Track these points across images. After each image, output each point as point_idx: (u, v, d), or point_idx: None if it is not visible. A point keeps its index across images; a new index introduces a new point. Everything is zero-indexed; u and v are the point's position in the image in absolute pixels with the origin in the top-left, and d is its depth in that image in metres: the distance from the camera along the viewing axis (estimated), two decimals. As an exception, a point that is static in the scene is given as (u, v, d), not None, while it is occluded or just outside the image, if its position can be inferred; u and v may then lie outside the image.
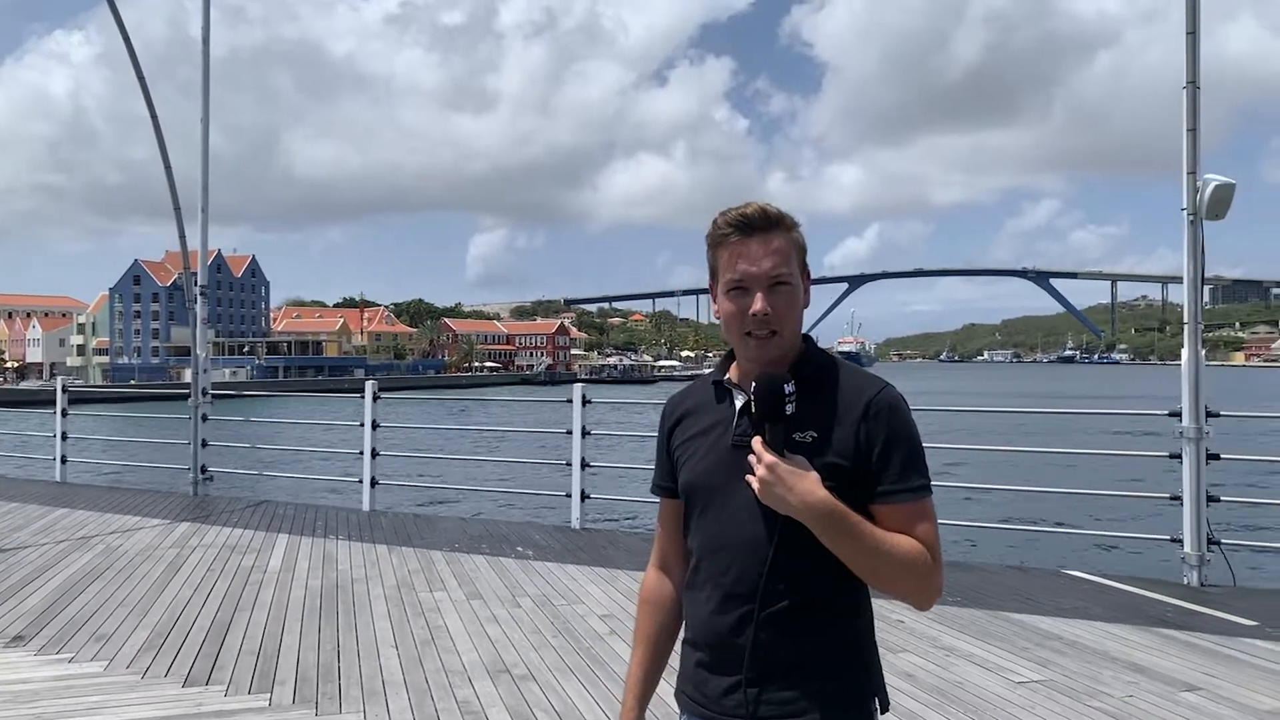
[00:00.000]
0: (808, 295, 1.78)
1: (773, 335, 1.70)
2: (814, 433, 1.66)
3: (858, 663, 1.71)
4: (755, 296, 1.69)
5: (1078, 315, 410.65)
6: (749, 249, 1.70)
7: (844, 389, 1.70)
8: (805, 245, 1.77)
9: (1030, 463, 18.47)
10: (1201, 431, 6.82)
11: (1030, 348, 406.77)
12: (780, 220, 1.72)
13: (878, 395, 1.68)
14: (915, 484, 1.66)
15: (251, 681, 4.83)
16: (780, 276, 1.70)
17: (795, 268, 1.73)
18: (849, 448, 1.65)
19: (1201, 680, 4.85)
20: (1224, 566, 6.84)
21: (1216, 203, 6.53)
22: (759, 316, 1.69)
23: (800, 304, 1.74)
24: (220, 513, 10.06)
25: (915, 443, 1.68)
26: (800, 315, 1.74)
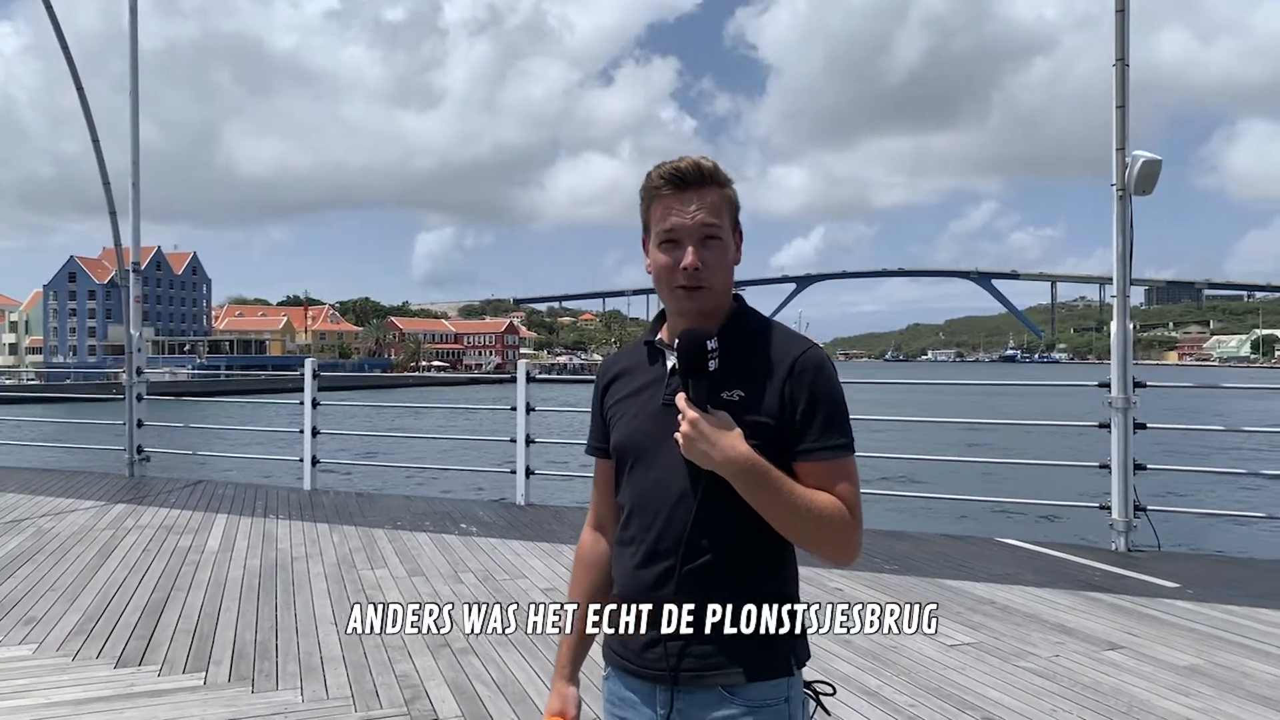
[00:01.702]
0: (739, 253, 1.78)
1: (702, 289, 1.70)
2: (740, 391, 1.67)
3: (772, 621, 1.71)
4: (686, 250, 1.69)
5: (1019, 316, 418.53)
6: (681, 202, 1.70)
7: (772, 348, 1.71)
8: (738, 203, 1.78)
9: (967, 436, 18.89)
10: (1129, 401, 7.04)
11: (973, 347, 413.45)
12: (714, 175, 1.72)
13: (803, 355, 1.69)
14: (836, 442, 1.67)
15: (186, 661, 4.74)
16: (711, 230, 1.70)
17: (726, 222, 1.73)
18: (774, 406, 1.67)
19: (1124, 639, 4.99)
20: (1150, 531, 7.06)
21: (1144, 178, 6.73)
22: (689, 270, 1.69)
23: (730, 259, 1.74)
24: (157, 493, 9.87)
25: (838, 402, 1.70)
26: (730, 271, 1.74)
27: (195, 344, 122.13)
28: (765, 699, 1.69)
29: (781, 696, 1.71)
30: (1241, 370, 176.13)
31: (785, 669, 1.71)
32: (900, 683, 4.37)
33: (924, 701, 4.14)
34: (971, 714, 4.01)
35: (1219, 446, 24.04)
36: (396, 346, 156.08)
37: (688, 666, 1.68)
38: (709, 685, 1.68)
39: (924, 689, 4.29)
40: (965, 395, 31.00)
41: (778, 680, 1.70)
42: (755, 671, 1.67)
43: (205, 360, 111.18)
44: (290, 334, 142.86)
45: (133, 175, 11.12)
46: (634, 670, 1.75)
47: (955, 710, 4.04)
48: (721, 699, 1.68)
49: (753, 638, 1.68)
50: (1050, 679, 4.40)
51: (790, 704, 1.72)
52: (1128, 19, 6.84)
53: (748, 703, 1.67)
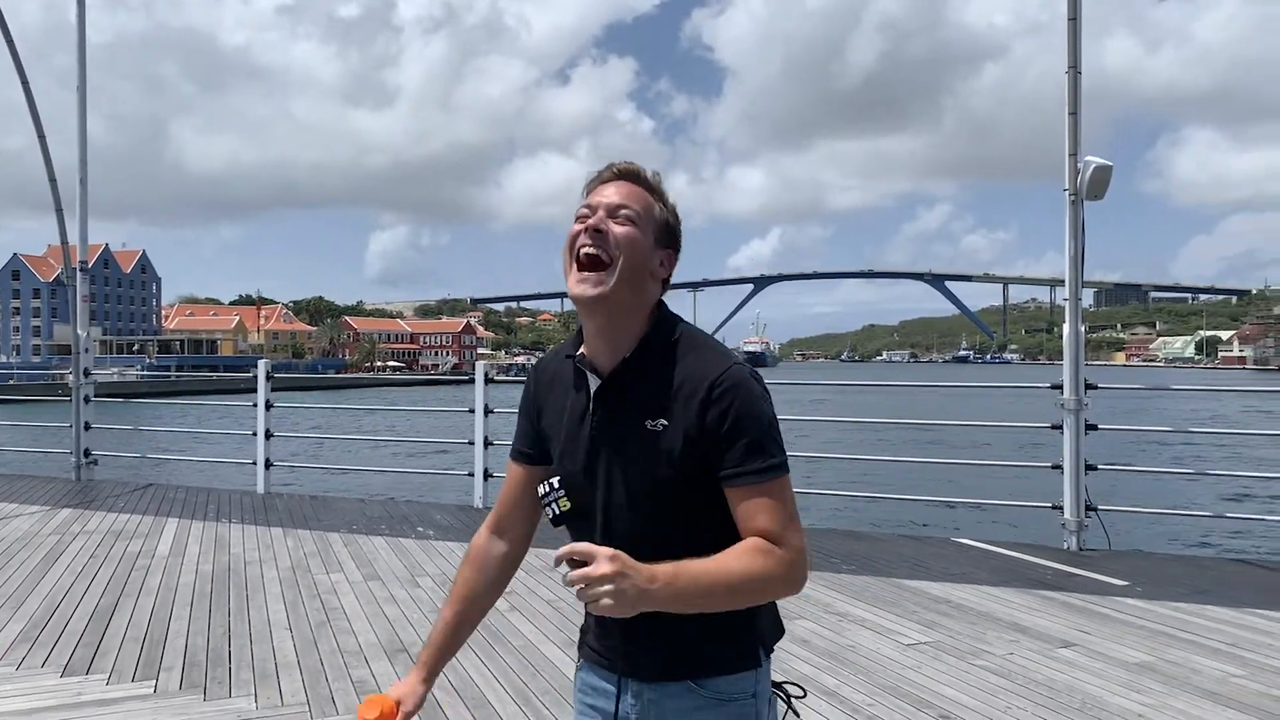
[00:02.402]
0: (665, 269, 1.72)
1: (602, 265, 1.64)
2: (664, 420, 1.63)
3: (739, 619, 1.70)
4: (593, 218, 1.66)
5: (972, 317, 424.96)
6: (605, 188, 1.70)
7: (691, 368, 1.64)
8: (672, 226, 1.73)
9: (923, 437, 19.09)
10: (1081, 402, 7.17)
11: (927, 348, 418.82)
12: (647, 181, 1.72)
13: (721, 375, 1.61)
14: (758, 466, 1.60)
15: (136, 669, 4.64)
16: (625, 209, 1.67)
17: (648, 219, 1.69)
18: (695, 431, 1.61)
19: (1077, 637, 5.08)
20: (1100, 531, 7.19)
21: (1096, 183, 6.86)
22: (590, 230, 1.65)
23: (645, 254, 1.67)
24: (105, 497, 9.66)
25: (762, 422, 1.61)
26: (641, 270, 1.67)
27: (145, 344, 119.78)
28: (732, 692, 1.69)
29: (749, 691, 1.71)
30: (1186, 371, 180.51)
31: (753, 660, 1.72)
32: (858, 682, 4.41)
33: (882, 700, 4.18)
34: (929, 712, 4.05)
35: (1165, 444, 24.58)
36: (351, 346, 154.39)
37: (654, 663, 1.69)
38: (677, 677, 1.69)
39: (881, 688, 4.33)
40: (921, 396, 31.39)
41: (745, 674, 1.71)
42: (722, 665, 1.68)
43: (155, 360, 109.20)
44: (243, 334, 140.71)
45: (80, 173, 10.87)
46: (604, 663, 1.76)
47: (913, 709, 4.08)
48: (689, 690, 1.68)
49: (717, 631, 1.67)
50: (1006, 677, 4.47)
51: (758, 699, 1.73)
52: (1079, 28, 6.97)
53: (715, 695, 1.68)
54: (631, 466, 1.66)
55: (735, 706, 1.70)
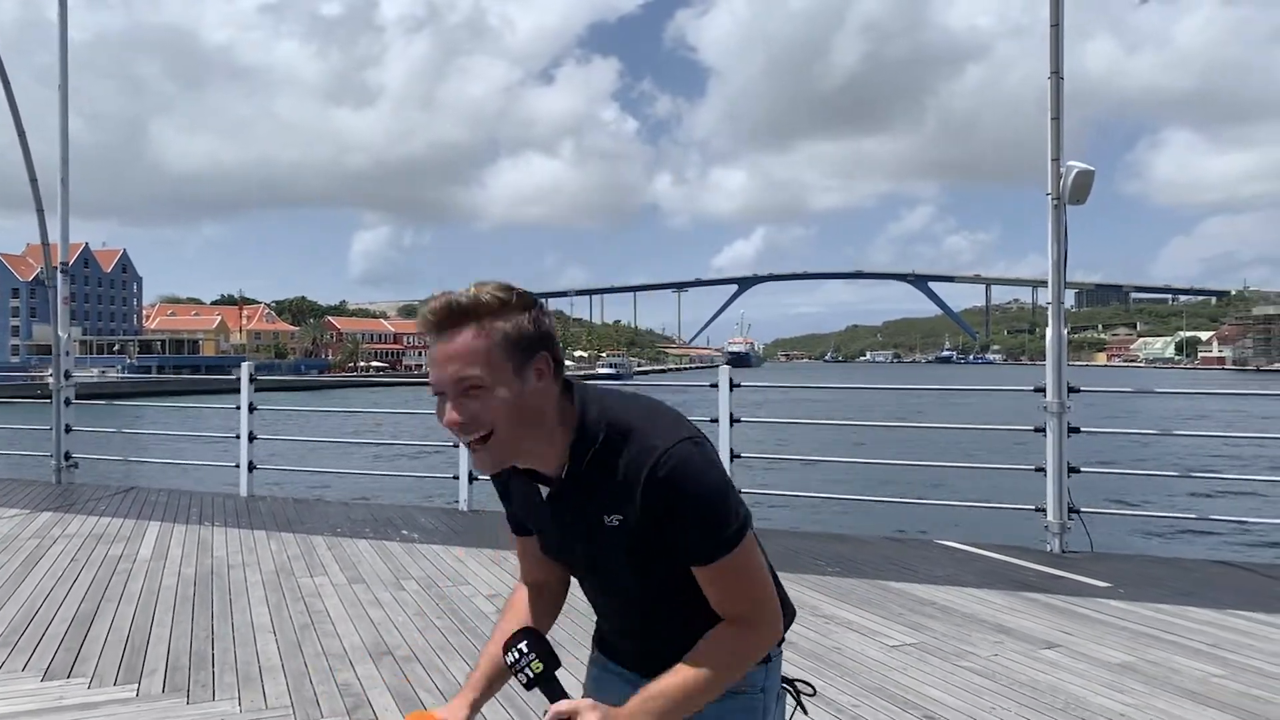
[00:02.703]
0: (545, 371, 1.56)
1: (486, 439, 1.55)
2: (619, 515, 1.62)
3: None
4: (446, 406, 1.54)
5: (954, 317, 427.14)
6: (436, 351, 1.54)
7: (627, 463, 1.58)
8: (521, 333, 1.53)
9: (908, 439, 19.18)
10: (1063, 405, 7.22)
11: (910, 348, 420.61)
12: (472, 311, 1.51)
13: (657, 463, 1.55)
14: (708, 551, 1.59)
15: (118, 673, 4.61)
16: (467, 380, 1.51)
17: (495, 365, 1.51)
18: (647, 523, 1.60)
19: (1060, 638, 5.11)
20: (1083, 533, 7.24)
21: (1078, 188, 6.91)
22: (451, 428, 1.55)
23: (515, 399, 1.52)
24: (86, 501, 9.58)
25: (707, 501, 1.57)
26: (520, 412, 1.54)
27: (125, 344, 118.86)
28: (740, 686, 1.71)
29: (757, 685, 1.74)
30: (1166, 371, 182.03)
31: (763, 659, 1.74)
32: (843, 683, 4.42)
33: (867, 701, 4.20)
34: (914, 713, 4.07)
35: (1148, 446, 24.78)
36: (334, 346, 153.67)
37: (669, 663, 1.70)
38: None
39: (867, 689, 4.35)
40: (905, 398, 31.68)
41: (756, 669, 1.73)
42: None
43: (136, 360, 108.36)
44: (224, 334, 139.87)
45: (62, 172, 10.77)
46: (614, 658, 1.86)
47: (898, 710, 4.10)
48: None
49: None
50: (990, 678, 4.49)
51: (766, 694, 1.76)
52: (1062, 33, 7.01)
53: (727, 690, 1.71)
54: (606, 555, 1.68)
55: (743, 700, 1.73)
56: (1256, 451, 24.62)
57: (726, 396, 8.39)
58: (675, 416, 1.64)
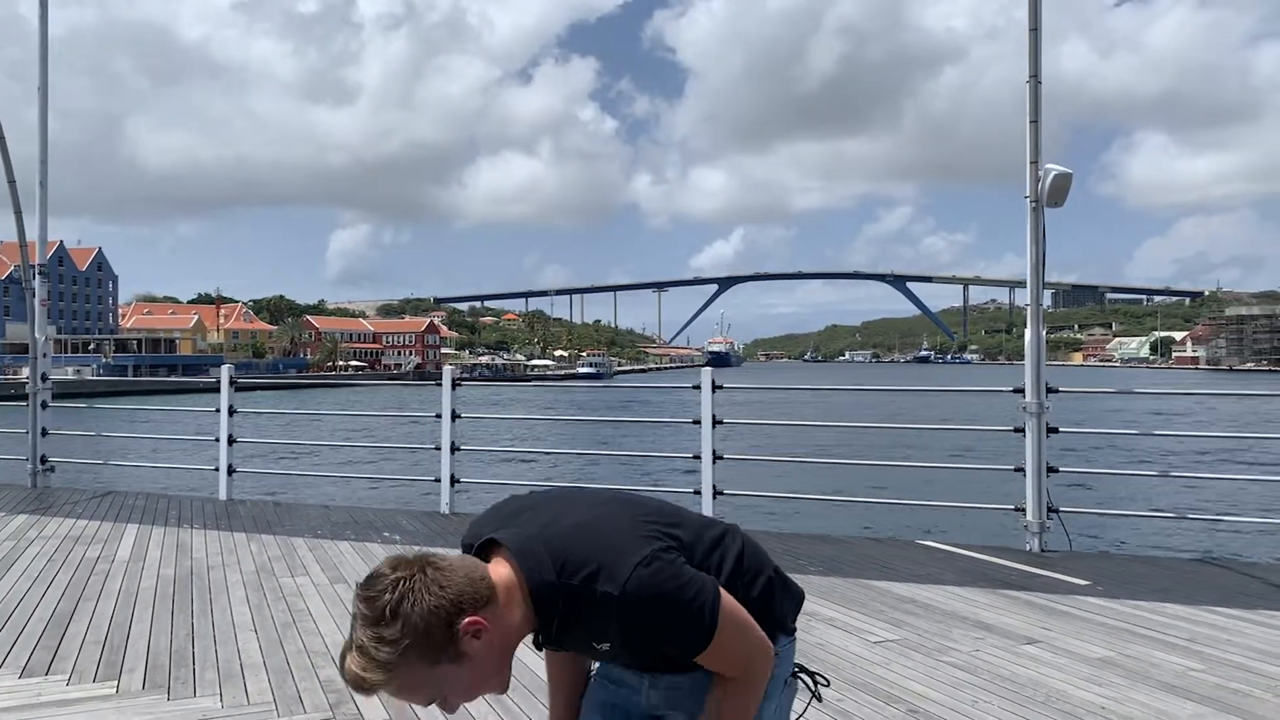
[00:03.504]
0: (481, 626, 1.58)
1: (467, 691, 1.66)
2: (607, 643, 1.70)
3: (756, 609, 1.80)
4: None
5: (932, 318, 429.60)
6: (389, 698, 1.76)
7: (595, 606, 1.63)
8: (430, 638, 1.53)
9: (888, 440, 19.29)
10: (1042, 406, 7.27)
11: (888, 348, 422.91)
12: (374, 679, 1.55)
13: (623, 605, 1.61)
14: (695, 647, 1.66)
15: (96, 670, 4.57)
16: (415, 698, 1.64)
17: (420, 675, 1.56)
18: (631, 644, 1.68)
19: (1040, 634, 5.16)
20: (1062, 533, 7.31)
21: (1056, 190, 6.97)
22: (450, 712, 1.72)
23: (457, 663, 1.57)
24: (63, 504, 9.47)
25: (675, 615, 1.62)
26: (475, 674, 1.60)
27: (101, 343, 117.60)
28: None
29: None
30: (1141, 370, 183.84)
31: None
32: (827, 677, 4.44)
33: (851, 695, 4.22)
34: (898, 706, 4.10)
35: (1126, 447, 25.02)
36: (312, 346, 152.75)
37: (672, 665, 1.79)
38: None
39: (851, 683, 4.38)
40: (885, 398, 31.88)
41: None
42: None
43: (112, 360, 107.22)
44: (201, 333, 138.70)
45: (40, 174, 10.67)
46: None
47: (882, 703, 4.13)
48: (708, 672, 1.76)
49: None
50: (972, 672, 4.53)
51: (774, 680, 1.81)
52: (1040, 37, 7.07)
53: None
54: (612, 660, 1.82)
55: None
56: (1231, 450, 24.93)
57: (709, 398, 8.40)
58: (625, 536, 1.65)
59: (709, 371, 8.63)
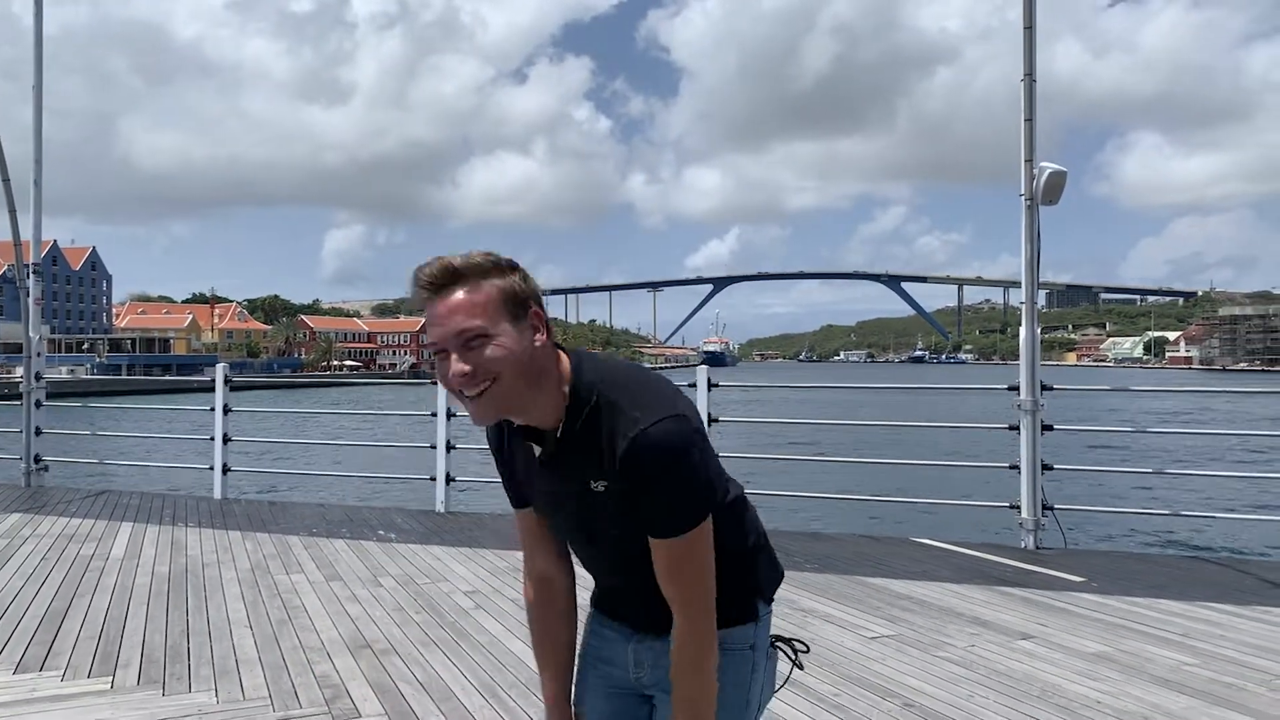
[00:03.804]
0: (539, 334, 1.63)
1: (488, 389, 1.60)
2: (604, 482, 1.67)
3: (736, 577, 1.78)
4: (451, 359, 1.60)
5: (927, 318, 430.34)
6: (436, 309, 1.60)
7: (612, 432, 1.63)
8: (517, 290, 1.62)
9: (883, 438, 19.31)
10: (1037, 404, 7.29)
11: (883, 348, 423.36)
12: (466, 272, 1.59)
13: (638, 435, 1.60)
14: (667, 524, 1.64)
15: (91, 665, 4.57)
16: (470, 331, 1.57)
17: (496, 317, 1.58)
18: (626, 490, 1.65)
19: (1036, 630, 5.17)
20: (1056, 530, 7.32)
21: (1050, 188, 6.98)
22: (458, 378, 1.60)
23: (519, 348, 1.59)
24: (57, 503, 9.45)
25: (675, 480, 1.61)
26: (519, 361, 1.59)
27: (95, 342, 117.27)
28: (730, 644, 1.75)
29: (747, 643, 1.79)
30: (1134, 370, 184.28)
31: (750, 613, 1.80)
32: (824, 674, 4.45)
33: (847, 690, 4.23)
34: (894, 701, 4.10)
35: (1120, 445, 25.08)
36: (307, 345, 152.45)
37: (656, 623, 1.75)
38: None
39: (847, 679, 4.38)
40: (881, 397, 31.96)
41: (743, 626, 1.78)
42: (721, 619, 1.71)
43: (106, 359, 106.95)
44: (196, 332, 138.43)
45: (35, 173, 10.64)
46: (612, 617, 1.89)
47: (878, 698, 4.14)
48: None
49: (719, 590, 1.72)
50: (967, 667, 4.54)
51: (755, 651, 1.80)
52: (1034, 36, 7.08)
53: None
54: (596, 517, 1.73)
55: (734, 656, 1.77)
56: (1225, 448, 25.01)
57: (705, 396, 8.40)
58: (668, 391, 1.67)
59: (705, 370, 8.64)
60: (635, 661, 1.86)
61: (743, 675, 1.78)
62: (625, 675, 1.88)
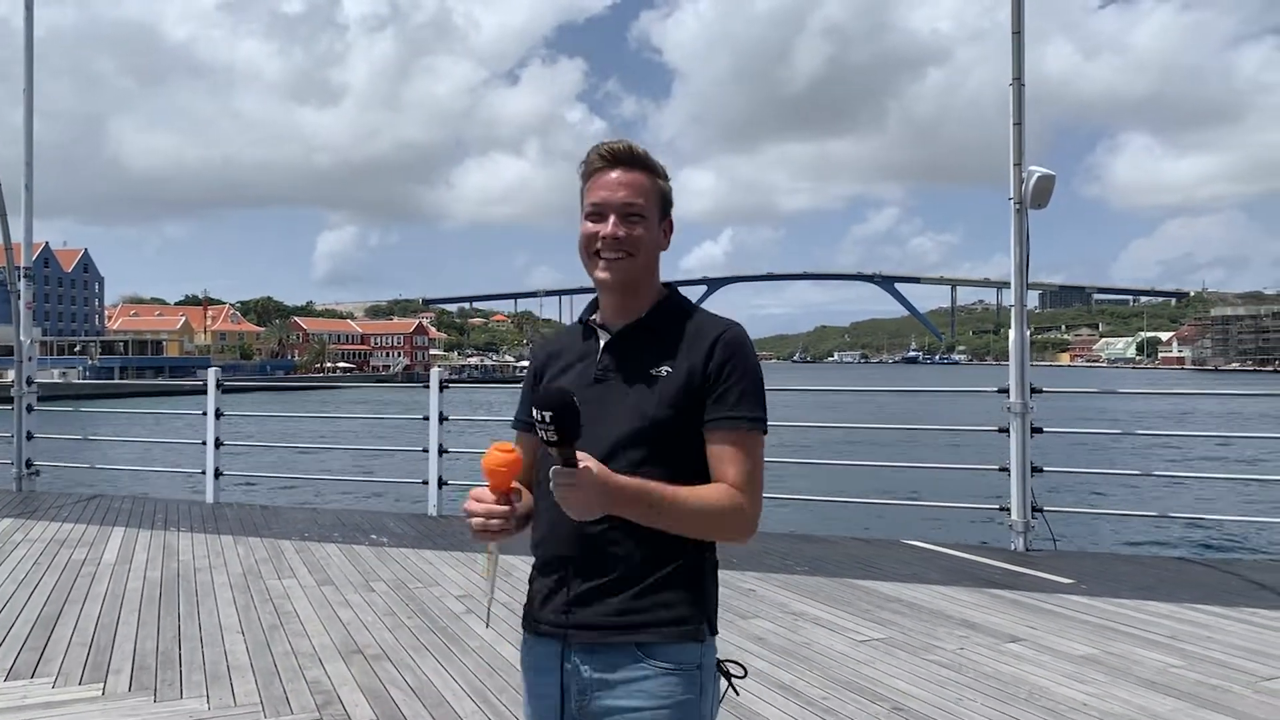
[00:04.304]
0: (667, 239, 1.89)
1: (620, 259, 1.81)
2: (668, 367, 1.77)
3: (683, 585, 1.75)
4: (609, 220, 1.80)
5: (921, 318, 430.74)
6: (609, 178, 1.81)
7: (700, 324, 1.82)
8: (669, 195, 1.88)
9: (875, 440, 19.34)
10: (1026, 406, 7.32)
11: (877, 349, 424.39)
12: (645, 161, 1.84)
13: (725, 332, 1.79)
14: (743, 415, 1.74)
15: (83, 672, 4.57)
16: (634, 208, 1.80)
17: (652, 206, 1.83)
18: (698, 376, 1.75)
19: (1025, 632, 5.20)
20: (1046, 532, 7.36)
21: (1039, 192, 7.02)
22: (609, 239, 1.80)
23: (654, 241, 1.84)
24: (48, 508, 9.43)
25: (755, 379, 1.78)
26: (652, 252, 1.84)
27: (87, 345, 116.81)
28: (680, 662, 1.73)
29: (694, 662, 1.75)
30: (1127, 371, 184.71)
31: (700, 633, 1.76)
32: (813, 677, 4.48)
33: (836, 694, 4.25)
34: (882, 705, 4.13)
35: (1110, 447, 25.15)
36: (300, 347, 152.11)
37: (598, 623, 1.72)
38: (623, 645, 1.71)
39: (836, 682, 4.40)
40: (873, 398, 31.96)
41: (692, 645, 1.74)
42: (667, 634, 1.71)
43: (99, 362, 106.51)
44: (189, 334, 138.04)
45: (26, 177, 10.63)
46: (549, 631, 1.78)
47: (867, 701, 4.16)
48: (635, 659, 1.71)
49: (667, 600, 1.72)
50: (956, 670, 4.57)
51: (703, 671, 1.76)
52: (1023, 40, 7.12)
53: (663, 665, 1.71)
54: (626, 409, 1.76)
55: (682, 677, 1.73)
56: (1215, 449, 25.09)
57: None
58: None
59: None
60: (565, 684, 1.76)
61: (691, 694, 1.74)
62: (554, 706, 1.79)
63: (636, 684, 1.71)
